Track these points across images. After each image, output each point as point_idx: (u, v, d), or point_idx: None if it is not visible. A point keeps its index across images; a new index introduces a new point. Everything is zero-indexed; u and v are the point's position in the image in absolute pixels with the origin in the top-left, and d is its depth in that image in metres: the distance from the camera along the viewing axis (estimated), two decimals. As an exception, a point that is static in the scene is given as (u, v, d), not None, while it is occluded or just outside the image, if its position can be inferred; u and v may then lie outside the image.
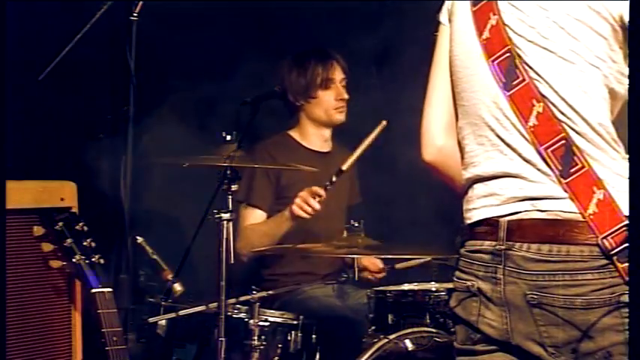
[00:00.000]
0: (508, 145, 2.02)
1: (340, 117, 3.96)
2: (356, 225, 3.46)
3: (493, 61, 2.05)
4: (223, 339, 3.03)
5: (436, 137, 2.18)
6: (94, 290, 2.70)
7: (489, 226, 2.04)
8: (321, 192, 3.58)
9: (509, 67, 2.03)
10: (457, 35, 2.14)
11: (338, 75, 3.94)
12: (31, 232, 2.75)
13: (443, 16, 2.20)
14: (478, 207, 2.07)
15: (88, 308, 2.75)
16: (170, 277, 3.33)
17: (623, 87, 1.98)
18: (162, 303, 3.42)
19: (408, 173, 4.33)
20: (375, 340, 3.33)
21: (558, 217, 1.96)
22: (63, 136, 3.94)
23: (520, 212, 2.00)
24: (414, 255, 3.68)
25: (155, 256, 3.31)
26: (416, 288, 3.55)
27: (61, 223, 2.74)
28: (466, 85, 2.11)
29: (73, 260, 2.72)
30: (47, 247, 2.75)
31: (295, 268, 3.88)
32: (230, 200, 3.14)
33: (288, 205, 3.68)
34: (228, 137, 3.15)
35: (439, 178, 2.23)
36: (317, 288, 3.83)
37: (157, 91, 4.09)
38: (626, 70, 1.97)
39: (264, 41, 4.53)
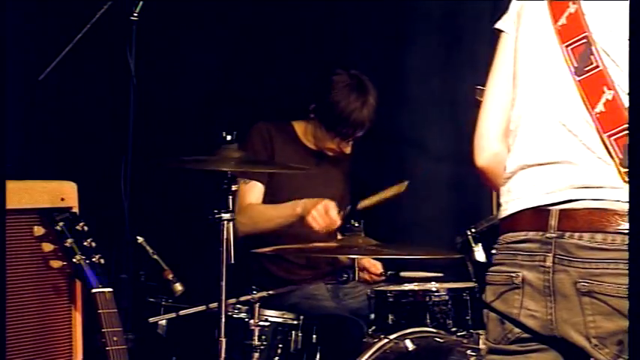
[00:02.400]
0: (569, 130, 2.00)
1: (332, 154, 3.93)
2: (356, 225, 3.45)
3: (567, 46, 2.03)
4: (223, 339, 3.03)
5: (492, 143, 2.17)
6: (94, 290, 2.70)
7: (536, 214, 2.01)
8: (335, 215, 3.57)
9: (583, 53, 2.00)
10: (527, 26, 2.11)
11: (357, 133, 3.84)
12: (31, 232, 2.75)
13: (506, 24, 2.18)
14: (521, 196, 2.04)
15: (88, 308, 2.75)
16: (170, 277, 3.33)
17: None
18: (163, 303, 3.43)
19: (410, 174, 4.35)
20: (375, 340, 3.32)
21: (614, 207, 1.92)
22: (63, 136, 3.94)
23: (574, 200, 1.97)
24: (415, 255, 3.67)
25: (155, 256, 3.30)
26: (416, 288, 3.54)
27: (61, 223, 2.73)
28: (531, 71, 2.08)
29: (73, 260, 2.72)
30: (47, 247, 2.75)
31: (295, 267, 3.88)
32: (230, 200, 3.13)
33: (297, 199, 3.68)
34: (229, 137, 3.14)
35: (487, 184, 2.23)
36: (317, 288, 3.82)
37: (157, 91, 4.09)
38: None
39: (264, 41, 4.52)
